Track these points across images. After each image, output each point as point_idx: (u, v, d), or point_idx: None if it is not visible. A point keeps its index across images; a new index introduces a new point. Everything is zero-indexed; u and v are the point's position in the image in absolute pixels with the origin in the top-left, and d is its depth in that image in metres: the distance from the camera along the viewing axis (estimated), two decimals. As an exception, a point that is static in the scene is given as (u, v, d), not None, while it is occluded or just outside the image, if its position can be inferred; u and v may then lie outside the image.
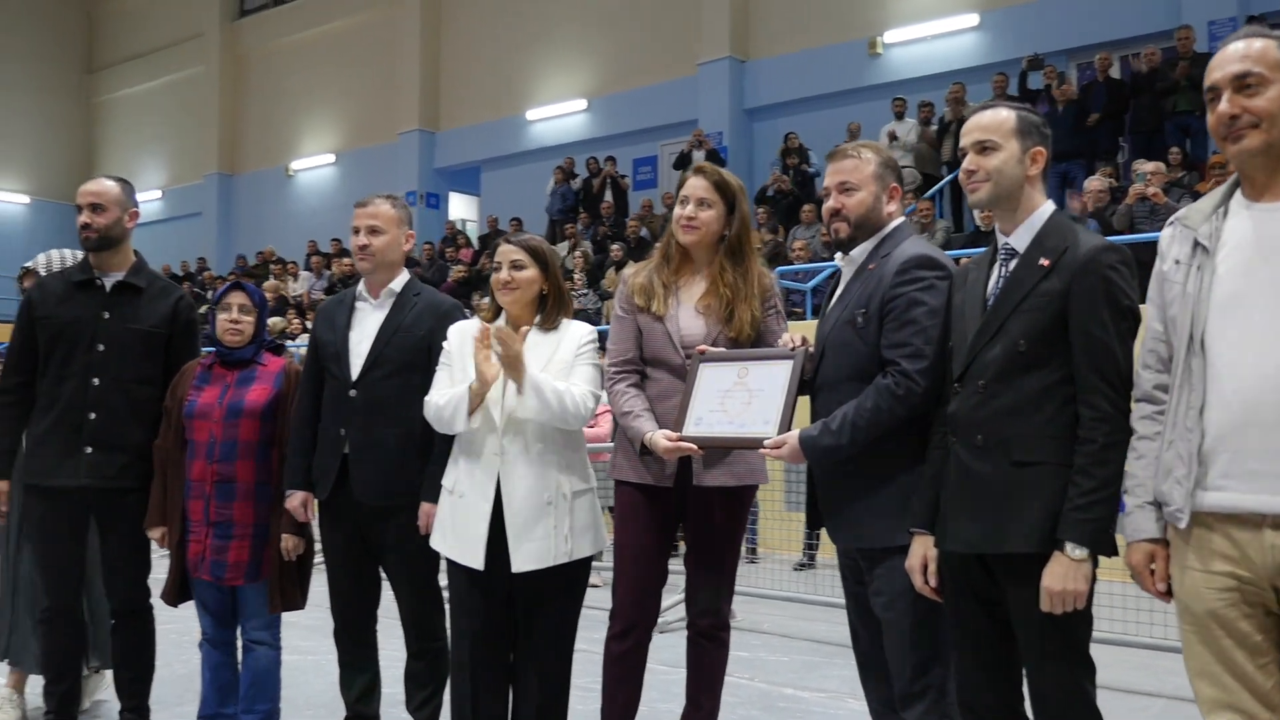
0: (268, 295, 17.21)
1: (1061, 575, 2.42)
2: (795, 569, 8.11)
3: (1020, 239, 2.64)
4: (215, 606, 3.81)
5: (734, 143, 16.75)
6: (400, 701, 3.80)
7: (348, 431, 3.64)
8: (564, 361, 3.39)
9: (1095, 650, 2.60)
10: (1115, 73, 12.92)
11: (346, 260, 17.05)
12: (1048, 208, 2.66)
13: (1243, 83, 2.21)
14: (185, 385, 3.82)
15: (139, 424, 3.89)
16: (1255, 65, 2.21)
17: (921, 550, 2.72)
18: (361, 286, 3.84)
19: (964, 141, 2.71)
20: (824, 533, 8.32)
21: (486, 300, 3.68)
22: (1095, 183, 10.62)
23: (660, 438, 3.20)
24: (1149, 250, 2.57)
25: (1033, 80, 13.04)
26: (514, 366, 3.24)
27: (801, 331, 3.21)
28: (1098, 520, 2.41)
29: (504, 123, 20.02)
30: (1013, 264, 2.63)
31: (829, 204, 3.07)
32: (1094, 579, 2.48)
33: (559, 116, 19.35)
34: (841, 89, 16.04)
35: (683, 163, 15.71)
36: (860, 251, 3.03)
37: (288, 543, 3.74)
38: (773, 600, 6.87)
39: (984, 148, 2.65)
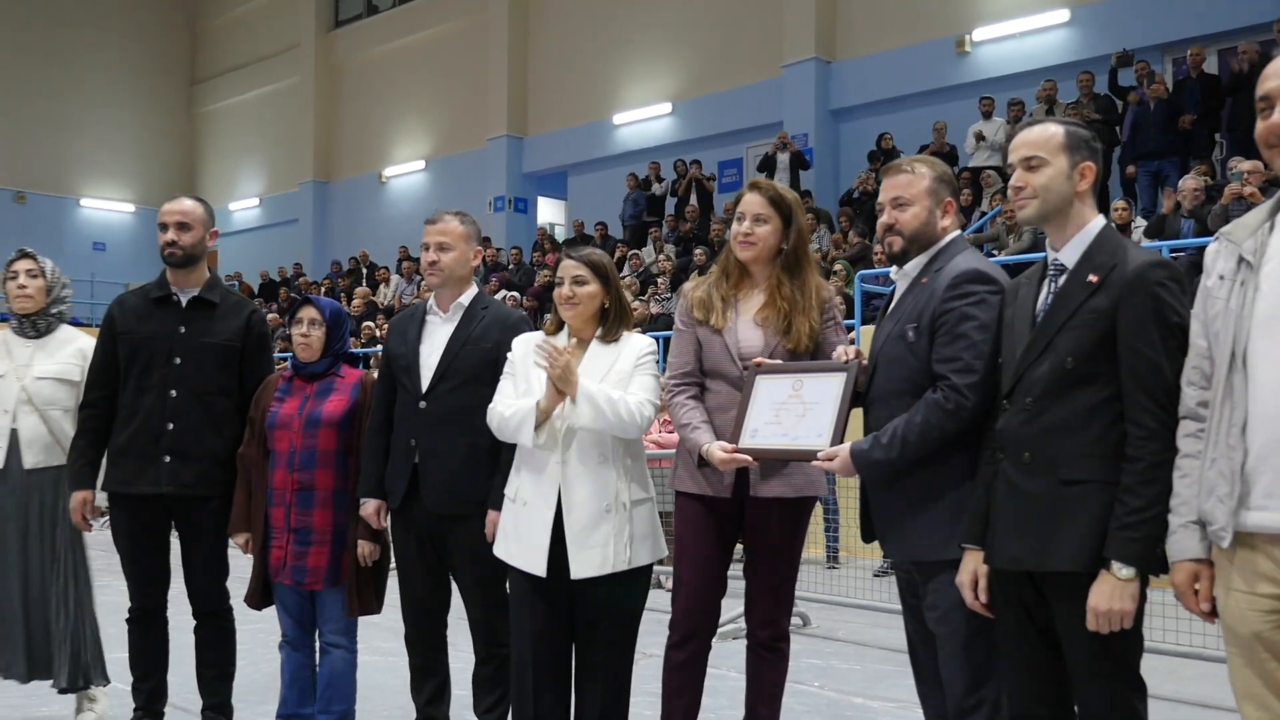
0: (357, 302, 17.62)
1: (1108, 594, 2.40)
2: (875, 575, 8.07)
3: (1069, 255, 2.63)
4: (295, 610, 3.96)
5: (819, 144, 16.69)
6: (470, 705, 3.89)
7: (418, 441, 3.75)
8: (623, 372, 3.45)
9: (1163, 663, 2.56)
10: (1210, 68, 12.57)
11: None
12: (1098, 222, 2.65)
13: None
14: (268, 397, 3.98)
15: (215, 434, 4.06)
16: None
17: (972, 566, 2.72)
18: (431, 300, 3.94)
19: (1011, 158, 2.71)
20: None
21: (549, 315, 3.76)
22: (1190, 181, 10.37)
23: (716, 449, 3.24)
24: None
25: (1123, 77, 12.75)
26: (565, 379, 3.31)
27: (858, 344, 3.22)
28: (1145, 539, 2.39)
29: (590, 127, 20.21)
30: (1061, 280, 2.62)
31: (883, 219, 3.08)
32: (1143, 598, 2.46)
33: (644, 120, 19.49)
34: (929, 88, 15.88)
35: (767, 165, 15.67)
36: (914, 266, 3.04)
37: (363, 548, 3.86)
38: (849, 608, 6.85)
39: (1031, 164, 2.65)
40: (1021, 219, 2.71)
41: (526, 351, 3.55)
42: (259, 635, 4.94)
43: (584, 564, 3.35)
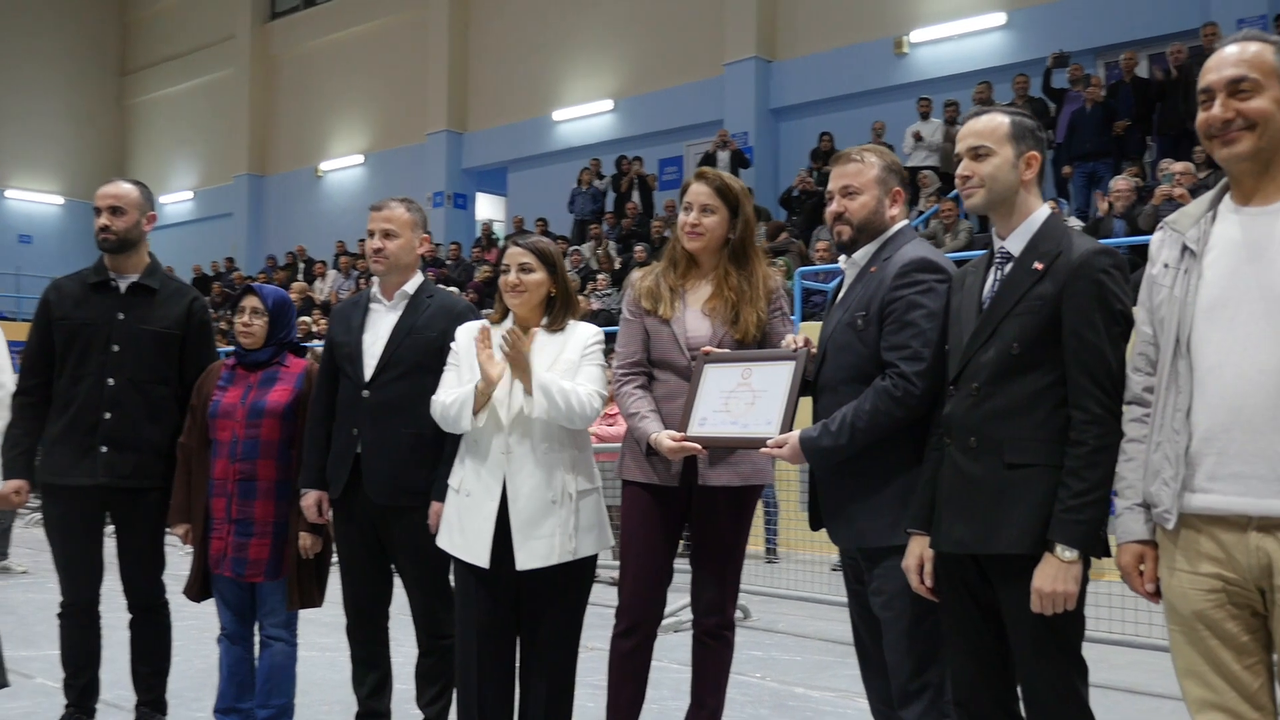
0: (294, 296, 17.38)
1: (1051, 576, 2.44)
2: (834, 570, 8.12)
3: (1015, 243, 2.67)
4: (235, 603, 3.89)
5: (759, 143, 16.78)
6: (412, 698, 3.86)
7: (360, 432, 3.70)
8: (570, 362, 3.43)
9: (1095, 650, 2.61)
10: (1142, 71, 12.84)
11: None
12: (1042, 212, 2.69)
13: (1237, 87, 2.23)
14: (210, 385, 3.91)
15: (154, 423, 3.97)
16: (1250, 70, 2.22)
17: (918, 550, 2.75)
18: (375, 288, 3.90)
19: (959, 147, 2.74)
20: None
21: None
22: (1122, 182, 10.57)
23: (665, 438, 3.24)
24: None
25: (1057, 79, 12.97)
26: (521, 368, 3.29)
27: (808, 333, 3.24)
28: (1088, 522, 2.43)
29: (531, 124, 20.14)
30: (1007, 268, 2.65)
31: (832, 207, 3.10)
32: (1085, 580, 2.50)
33: (585, 117, 19.47)
34: (867, 89, 16.06)
35: (708, 163, 15.71)
36: (862, 254, 3.06)
37: (305, 541, 3.81)
38: (789, 600, 6.89)
39: (978, 153, 2.68)
40: (969, 207, 2.74)
41: (471, 342, 3.52)
42: (190, 629, 4.86)
43: (530, 555, 3.33)
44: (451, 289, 14.16)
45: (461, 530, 3.41)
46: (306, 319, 15.85)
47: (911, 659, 2.86)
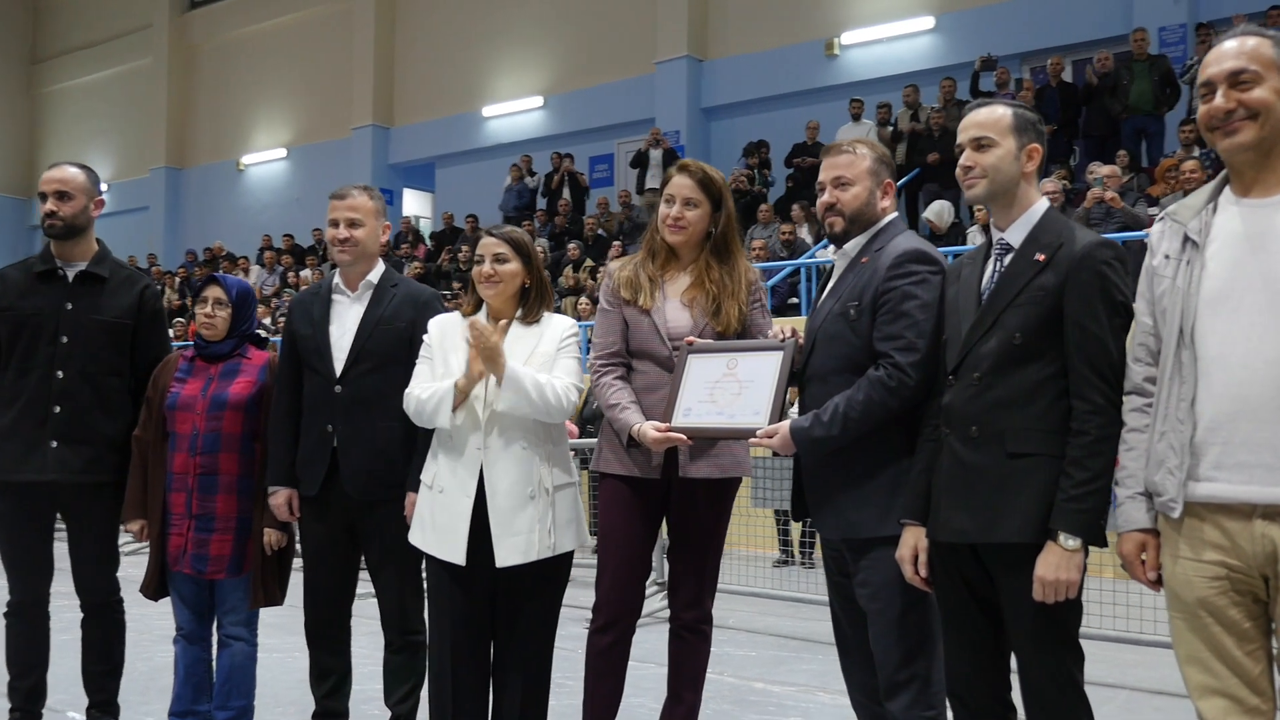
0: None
1: (1055, 565, 2.45)
2: (775, 566, 8.17)
3: (1015, 234, 2.67)
4: (193, 601, 3.76)
5: (691, 142, 16.80)
6: (369, 698, 3.77)
7: (335, 427, 3.61)
8: (546, 354, 3.38)
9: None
10: (1067, 76, 13.12)
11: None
12: (1042, 204, 2.70)
13: (1238, 79, 2.26)
14: (167, 377, 3.78)
15: (106, 416, 3.83)
16: (1250, 62, 2.26)
17: (913, 541, 2.74)
18: (337, 279, 3.80)
19: (961, 138, 2.73)
20: (795, 530, 8.35)
21: (462, 293, 3.66)
22: (1050, 184, 10.76)
23: (649, 428, 3.20)
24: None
25: (984, 82, 13.20)
26: (492, 360, 3.23)
27: (783, 326, 3.23)
28: (1091, 511, 2.44)
29: (459, 119, 19.95)
30: (1008, 259, 2.66)
31: (824, 198, 3.09)
32: (1084, 569, 2.52)
33: (515, 114, 19.34)
34: (799, 89, 16.20)
35: (639, 161, 15.73)
36: (854, 245, 3.05)
37: (270, 537, 3.70)
38: (738, 596, 6.90)
39: (981, 144, 2.68)
40: (970, 198, 2.74)
41: (444, 334, 3.46)
42: (133, 632, 4.68)
43: (508, 552, 3.28)
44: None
45: (434, 527, 3.35)
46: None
47: (899, 651, 2.85)
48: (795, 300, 11.78)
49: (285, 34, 22.45)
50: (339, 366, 3.64)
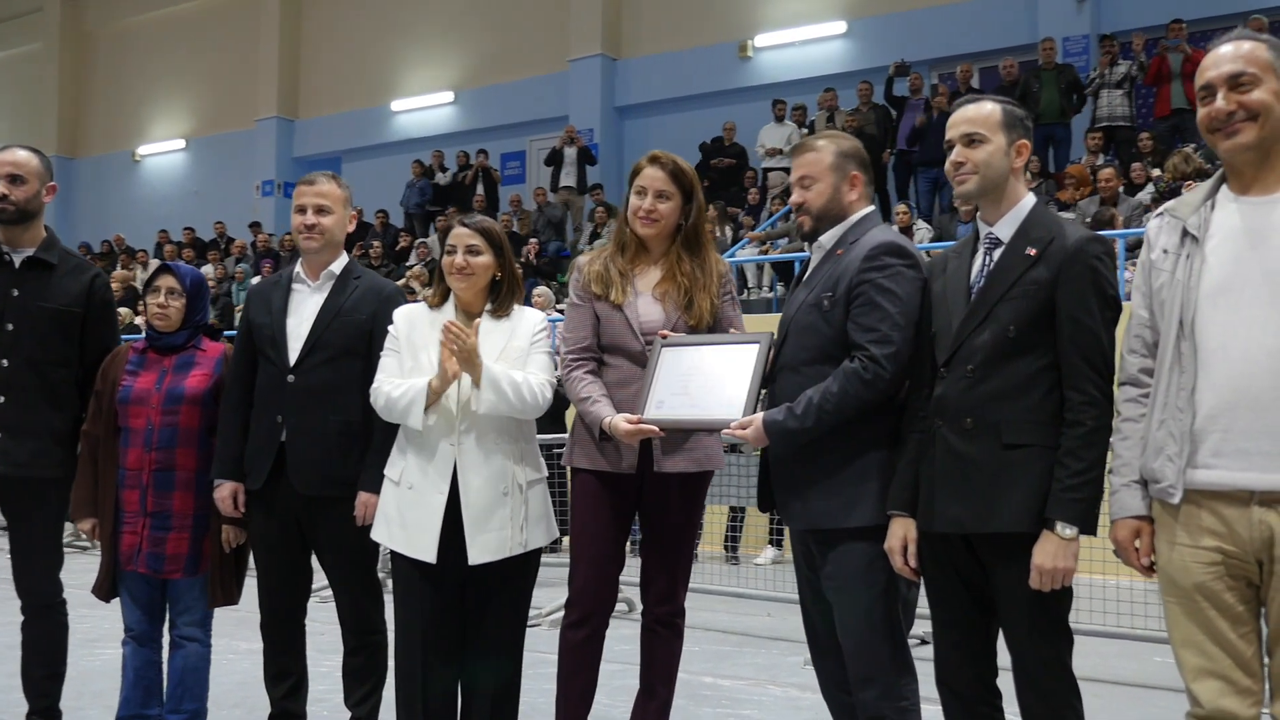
0: (115, 286, 16.45)
1: (1052, 553, 2.50)
2: (727, 562, 8.22)
3: (1005, 229, 2.72)
4: (145, 601, 3.63)
5: (604, 140, 16.81)
6: (321, 699, 3.68)
7: (285, 419, 3.51)
8: (519, 350, 3.34)
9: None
10: (975, 83, 13.45)
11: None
12: (1030, 199, 2.75)
13: (1237, 81, 2.34)
14: (117, 369, 3.64)
15: (53, 408, 3.68)
16: (1248, 66, 2.34)
17: (902, 532, 2.77)
18: (299, 268, 3.71)
19: (951, 134, 2.77)
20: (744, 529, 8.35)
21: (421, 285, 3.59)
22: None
23: (621, 421, 3.18)
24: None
25: (898, 87, 13.46)
26: (469, 361, 3.19)
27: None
28: (1087, 500, 2.51)
29: (367, 113, 19.66)
30: (997, 253, 2.70)
31: (793, 198, 3.11)
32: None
33: (425, 109, 19.11)
34: (713, 90, 16.31)
35: (554, 159, 15.67)
36: (829, 237, 3.06)
37: (228, 534, 3.59)
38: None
39: (971, 140, 2.72)
40: (960, 194, 2.78)
41: (412, 326, 3.39)
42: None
43: (482, 549, 3.23)
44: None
45: (403, 524, 3.28)
46: (126, 309, 15.04)
47: (867, 642, 2.87)
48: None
49: (186, 21, 21.82)
50: (293, 356, 3.54)
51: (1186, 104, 11.75)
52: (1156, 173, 9.96)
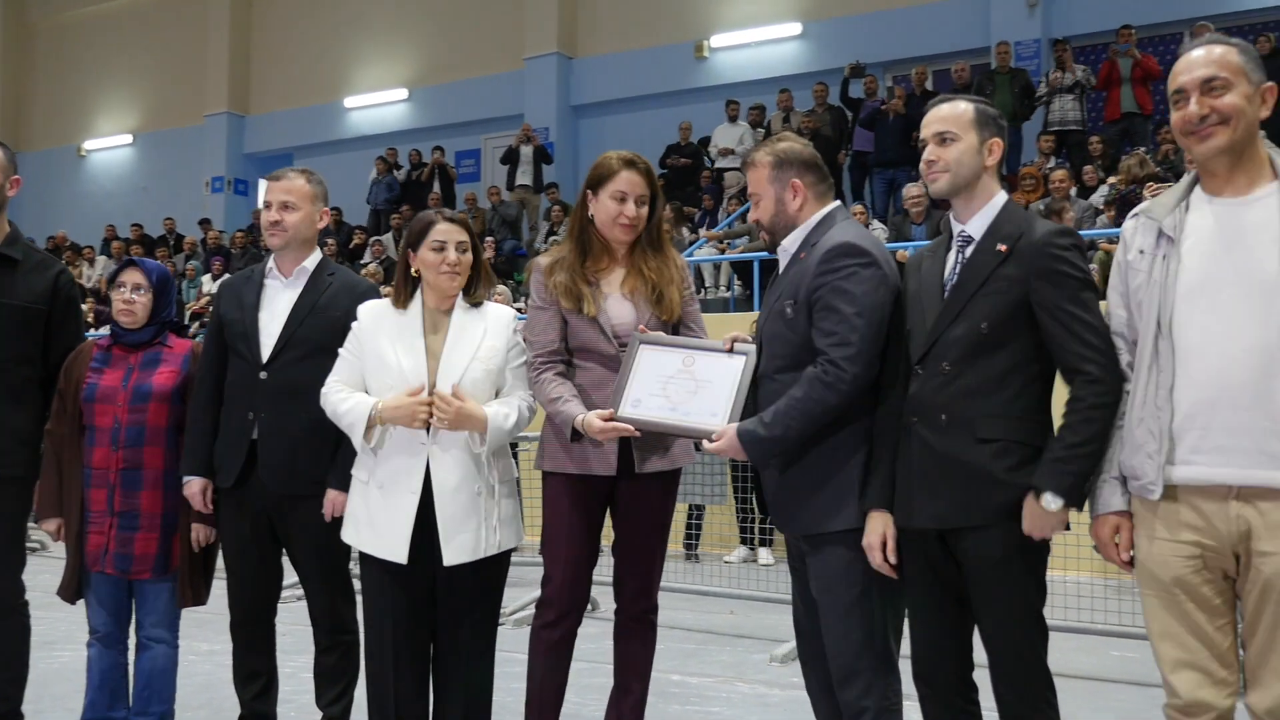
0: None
1: (1034, 523, 2.54)
2: (687, 559, 8.23)
3: (976, 226, 2.75)
4: (112, 602, 3.58)
5: (560, 139, 16.78)
6: (287, 699, 3.65)
7: (256, 416, 3.48)
8: (494, 349, 3.33)
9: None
10: (930, 85, 13.58)
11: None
12: (1001, 196, 2.78)
13: (1209, 86, 2.39)
14: (81, 367, 3.57)
15: (15, 407, 3.62)
16: (1220, 70, 2.39)
17: (880, 527, 2.78)
18: (271, 264, 3.68)
19: (924, 133, 2.80)
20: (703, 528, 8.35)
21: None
22: (914, 189, 11.12)
23: (594, 418, 3.16)
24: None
25: (854, 89, 13.56)
26: (467, 422, 3.19)
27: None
28: (1077, 474, 2.51)
29: (319, 109, 19.45)
30: (969, 250, 2.73)
31: (751, 215, 3.13)
32: (1048, 549, 2.63)
33: (378, 105, 18.95)
34: (669, 90, 16.32)
35: (510, 158, 15.60)
36: (790, 241, 3.06)
37: (198, 533, 3.55)
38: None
39: (944, 139, 2.75)
40: (934, 192, 2.81)
41: (377, 324, 3.33)
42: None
43: (457, 550, 3.22)
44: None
45: (373, 525, 3.25)
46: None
47: (849, 640, 2.88)
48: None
49: (133, 13, 21.44)
50: (266, 352, 3.51)
51: (1136, 108, 11.98)
52: (1113, 180, 10.11)
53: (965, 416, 2.63)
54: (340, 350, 3.38)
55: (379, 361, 3.28)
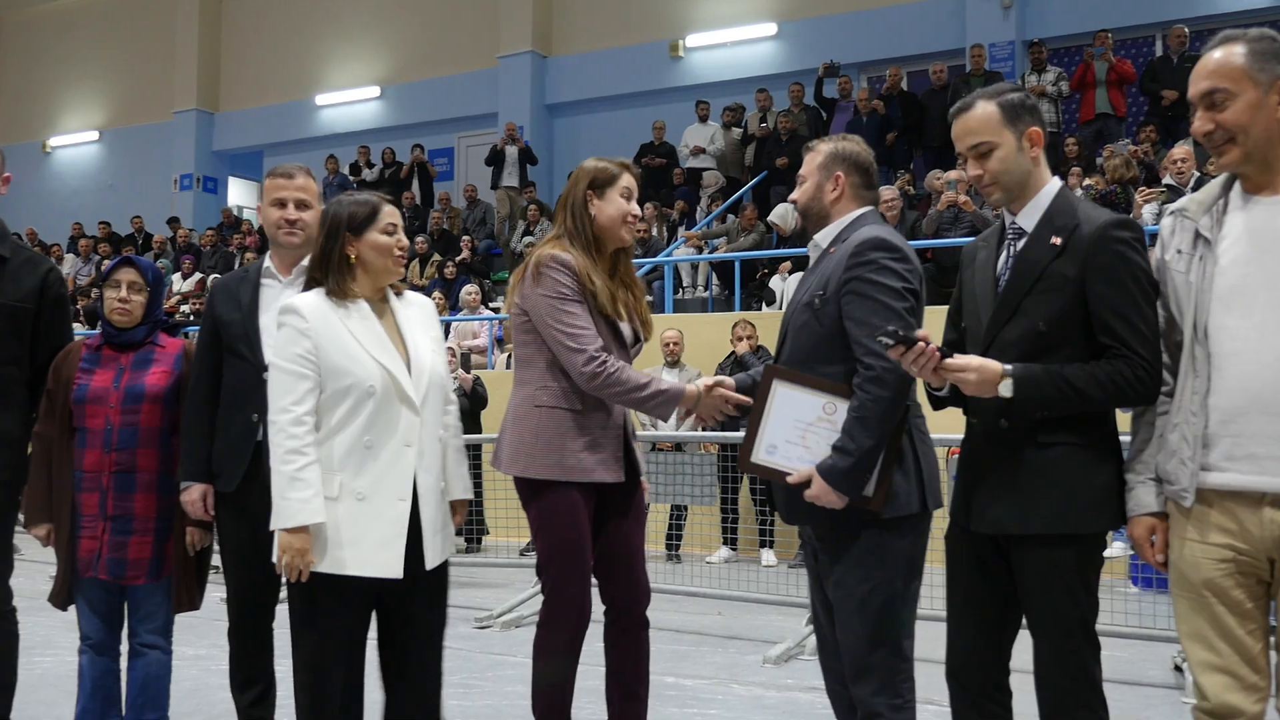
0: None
1: (976, 381, 2.53)
2: (668, 560, 8.19)
3: (1028, 218, 2.66)
4: (104, 608, 3.49)
5: (535, 138, 16.69)
6: (287, 703, 3.56)
7: (261, 417, 3.39)
8: (438, 340, 3.22)
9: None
10: (905, 86, 13.64)
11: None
12: (1054, 185, 2.69)
13: (1211, 100, 2.34)
14: (71, 368, 3.48)
15: (2, 409, 3.53)
16: (1219, 81, 2.34)
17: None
18: (267, 263, 3.59)
19: (960, 147, 2.72)
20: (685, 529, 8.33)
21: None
22: (888, 192, 11.12)
23: (716, 389, 3.27)
24: (951, 255, 2.60)
25: (828, 89, 13.58)
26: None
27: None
28: (1058, 384, 2.50)
29: (290, 106, 19.29)
30: (1021, 243, 2.66)
31: (793, 195, 3.14)
32: (1100, 562, 2.59)
33: (350, 103, 18.80)
34: (644, 89, 16.29)
35: (495, 159, 15.44)
36: (823, 236, 3.06)
37: (193, 537, 3.47)
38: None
39: (981, 150, 2.66)
40: (991, 204, 2.75)
41: (324, 321, 2.99)
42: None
43: (434, 555, 3.09)
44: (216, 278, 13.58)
45: (355, 543, 2.94)
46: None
47: (862, 637, 2.86)
48: (650, 299, 11.84)
49: (101, 8, 21.14)
50: (268, 353, 3.43)
51: (1110, 109, 12.08)
52: (1088, 181, 10.17)
53: (1026, 420, 2.57)
54: (282, 364, 2.99)
55: (345, 358, 2.98)
